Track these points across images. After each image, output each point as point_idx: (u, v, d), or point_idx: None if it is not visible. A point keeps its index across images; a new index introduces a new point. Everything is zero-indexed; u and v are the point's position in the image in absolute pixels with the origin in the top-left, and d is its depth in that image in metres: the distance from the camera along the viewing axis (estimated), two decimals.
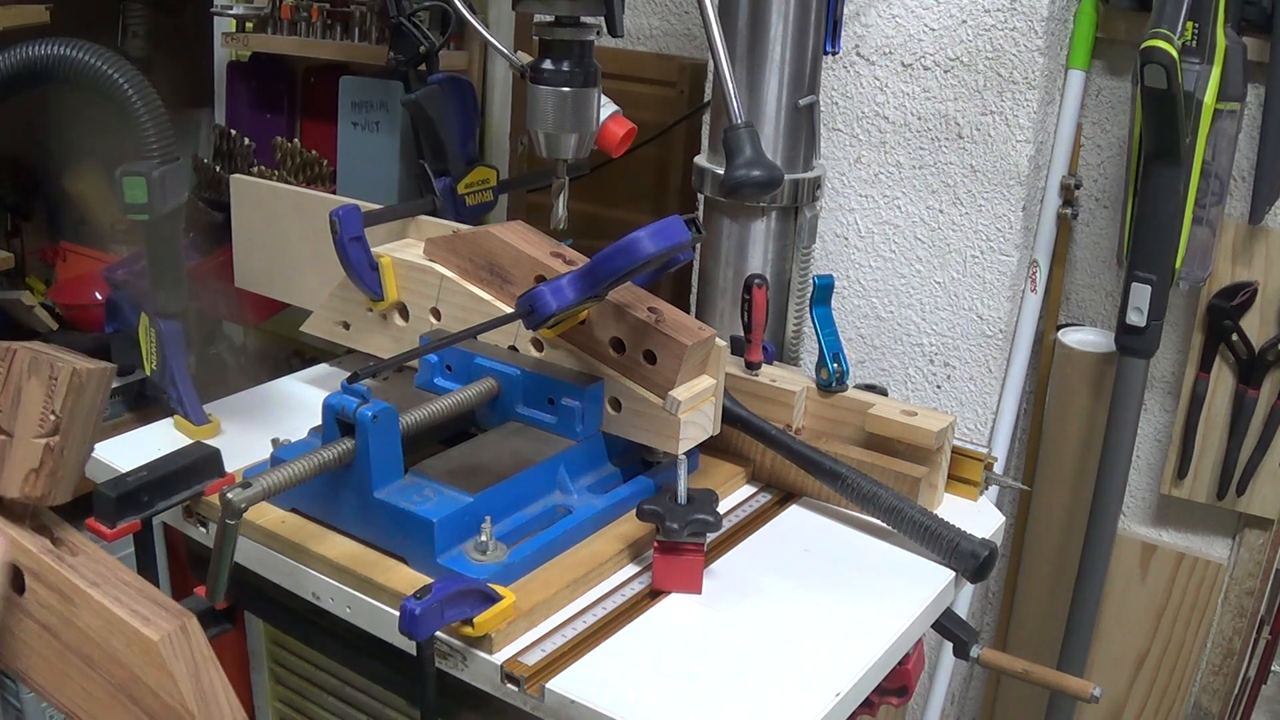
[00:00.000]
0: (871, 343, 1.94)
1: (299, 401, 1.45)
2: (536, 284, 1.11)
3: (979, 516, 1.29)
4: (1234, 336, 1.68)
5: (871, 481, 1.22)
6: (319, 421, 1.11)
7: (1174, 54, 1.43)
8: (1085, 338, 1.80)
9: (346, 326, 1.43)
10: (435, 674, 1.00)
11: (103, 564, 0.65)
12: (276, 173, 2.10)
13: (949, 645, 1.35)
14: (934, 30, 1.76)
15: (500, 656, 1.00)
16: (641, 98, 1.97)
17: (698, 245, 1.28)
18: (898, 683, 1.21)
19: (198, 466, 1.14)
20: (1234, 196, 1.66)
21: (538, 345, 1.26)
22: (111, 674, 0.61)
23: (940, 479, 1.30)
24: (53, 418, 0.62)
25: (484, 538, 1.07)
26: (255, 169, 2.13)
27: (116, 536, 1.01)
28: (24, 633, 0.63)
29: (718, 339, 1.21)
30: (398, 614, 0.94)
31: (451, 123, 1.58)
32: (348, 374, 1.10)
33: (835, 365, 1.32)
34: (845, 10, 1.50)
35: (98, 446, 0.90)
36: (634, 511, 1.14)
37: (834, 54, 1.49)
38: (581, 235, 1.40)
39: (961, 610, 1.94)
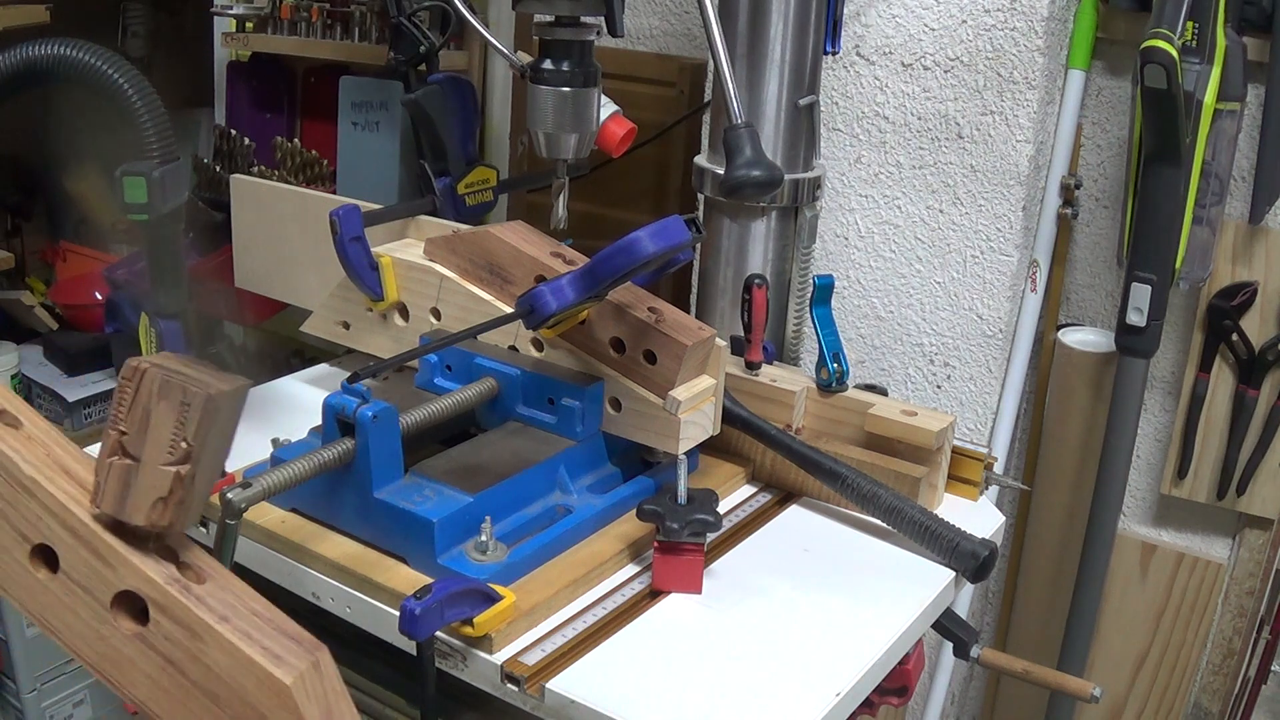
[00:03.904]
0: (871, 343, 1.94)
1: (299, 401, 1.45)
2: (536, 284, 1.11)
3: (979, 516, 1.29)
4: (1234, 336, 1.68)
5: (871, 481, 1.22)
6: (319, 421, 1.11)
7: (1174, 54, 1.43)
8: (1085, 338, 1.80)
9: (346, 326, 1.43)
10: (435, 674, 1.00)
11: (230, 591, 0.61)
12: (276, 173, 2.10)
13: (949, 645, 1.35)
14: (934, 30, 1.76)
15: (500, 656, 1.00)
16: (641, 98, 1.97)
17: (698, 245, 1.28)
18: (898, 683, 1.21)
19: None
20: (1234, 196, 1.66)
21: (538, 345, 1.26)
22: (239, 714, 0.58)
23: (940, 479, 1.30)
24: (184, 445, 0.58)
25: (484, 538, 1.07)
26: (255, 169, 2.13)
27: None
28: (146, 664, 0.60)
29: (718, 339, 1.21)
30: (398, 614, 0.94)
31: (451, 123, 1.58)
32: (348, 374, 1.10)
33: (835, 365, 1.32)
34: (845, 10, 1.50)
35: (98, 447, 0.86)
36: (634, 511, 1.14)
37: (834, 54, 1.49)
38: (581, 235, 1.40)
39: (961, 610, 1.94)
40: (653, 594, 1.11)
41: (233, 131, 2.19)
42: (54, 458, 0.62)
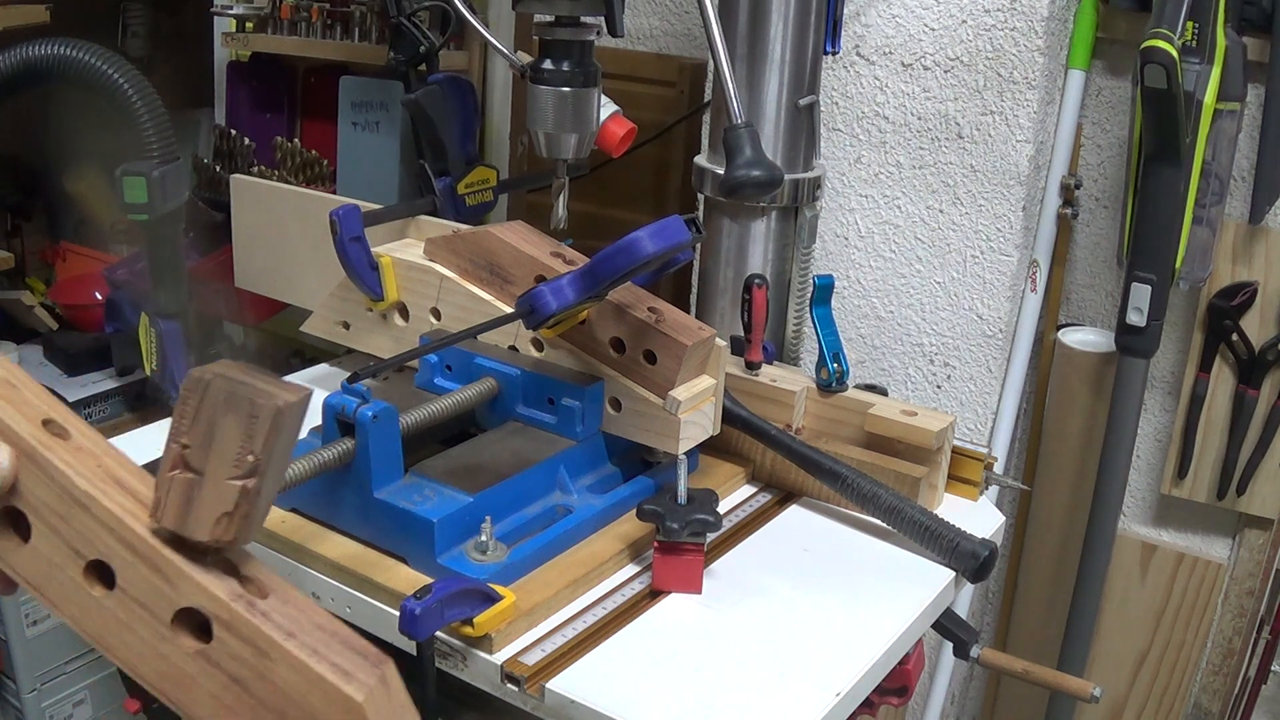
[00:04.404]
0: (871, 343, 1.94)
1: None
2: (536, 284, 1.11)
3: (979, 516, 1.29)
4: (1234, 336, 1.68)
5: (871, 481, 1.22)
6: (319, 421, 1.11)
7: (1174, 54, 1.43)
8: (1085, 338, 1.80)
9: (346, 326, 1.43)
10: (435, 674, 1.00)
11: (294, 604, 0.59)
12: (276, 173, 2.10)
13: (949, 645, 1.35)
14: (934, 30, 1.77)
15: (500, 656, 1.00)
16: (641, 98, 1.97)
17: (698, 245, 1.28)
18: (898, 683, 1.21)
19: None
20: (1234, 196, 1.66)
21: (538, 345, 1.26)
22: None
23: (940, 479, 1.30)
24: (251, 459, 0.55)
25: (484, 538, 1.07)
26: (255, 169, 2.13)
27: None
28: (210, 683, 0.57)
29: (718, 339, 1.21)
30: (398, 614, 0.94)
31: (451, 123, 1.58)
32: (348, 374, 1.10)
33: (835, 365, 1.32)
34: (845, 10, 1.50)
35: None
36: (634, 511, 1.13)
37: (834, 54, 1.49)
38: (581, 235, 1.40)
39: (961, 610, 1.94)
40: (653, 594, 1.11)
41: (233, 131, 2.19)
42: (105, 469, 0.60)
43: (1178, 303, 1.72)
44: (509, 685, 0.98)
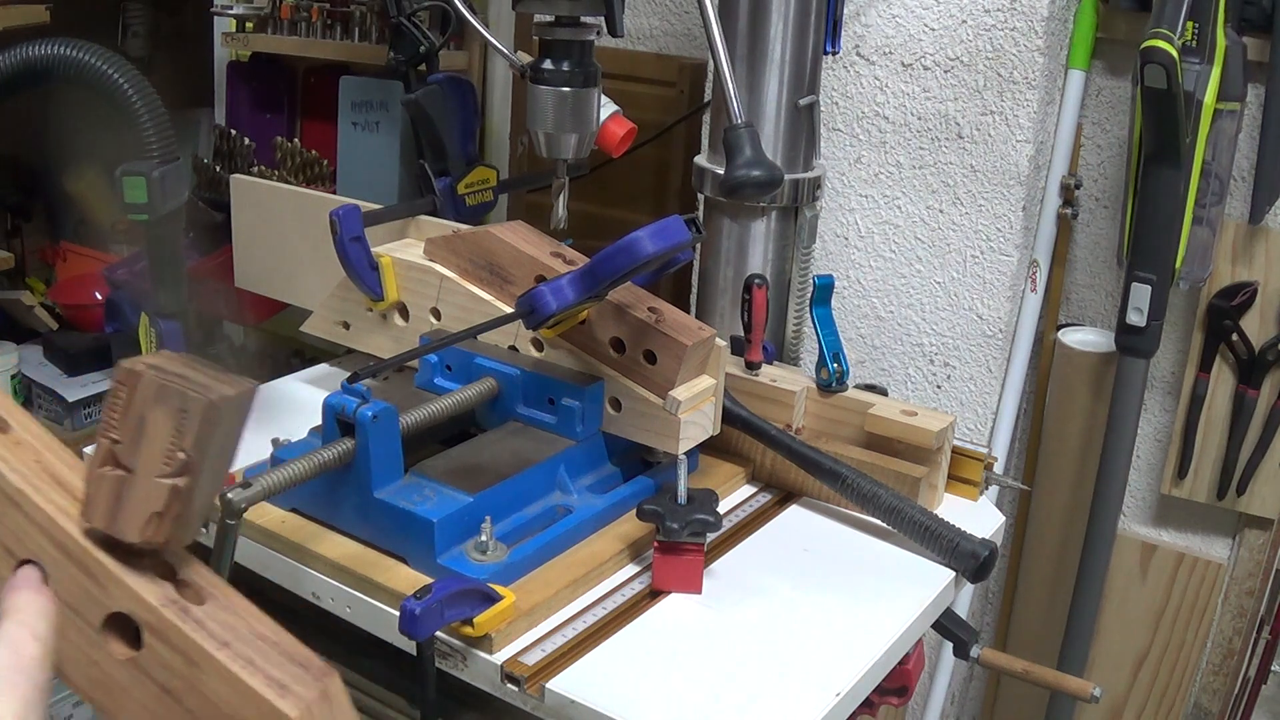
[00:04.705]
0: (871, 343, 1.94)
1: (299, 401, 1.44)
2: (536, 284, 1.11)
3: (979, 516, 1.29)
4: (1234, 336, 1.68)
5: (871, 481, 1.22)
6: (319, 421, 1.11)
7: (1174, 54, 1.43)
8: (1085, 338, 1.80)
9: (346, 326, 1.43)
10: (435, 674, 1.00)
11: (234, 611, 0.56)
12: (276, 173, 2.10)
13: (949, 645, 1.35)
14: (934, 30, 1.76)
15: (500, 656, 1.00)
16: (641, 98, 1.97)
17: (698, 245, 1.27)
18: (898, 683, 1.21)
19: None
20: (1234, 196, 1.66)
21: (538, 345, 1.26)
22: None
23: (940, 479, 1.30)
24: (181, 456, 0.53)
25: (484, 538, 1.07)
26: (255, 169, 2.13)
27: None
28: (140, 693, 0.54)
29: (718, 339, 1.21)
30: (398, 614, 0.94)
31: (451, 123, 1.58)
32: (348, 374, 1.10)
33: (835, 365, 1.32)
34: (845, 10, 1.50)
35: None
36: (634, 511, 1.13)
37: (834, 54, 1.49)
38: (581, 235, 1.40)
39: (961, 610, 1.94)
40: (653, 594, 1.11)
41: (233, 131, 2.19)
42: (45, 465, 0.57)
43: (1178, 303, 1.72)
44: (509, 685, 0.98)
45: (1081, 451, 1.79)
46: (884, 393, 1.35)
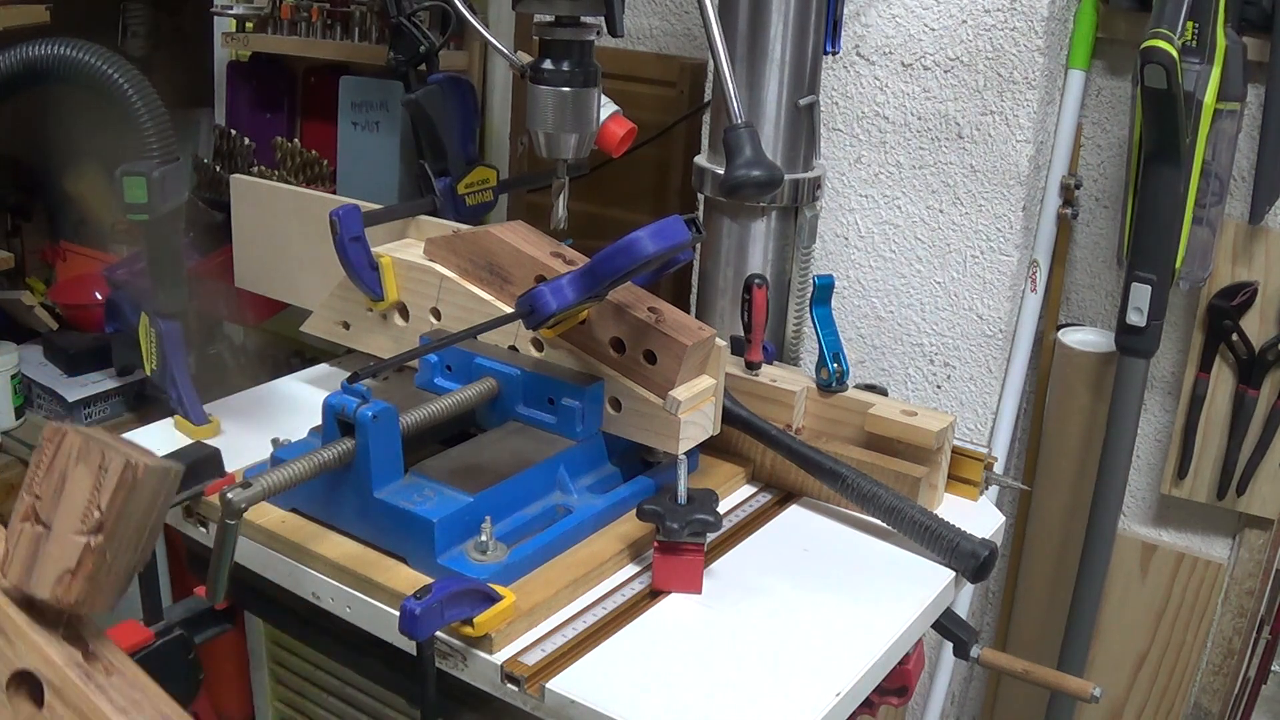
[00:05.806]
0: (871, 343, 1.94)
1: (299, 401, 1.45)
2: (536, 284, 1.11)
3: (979, 516, 1.29)
4: (1234, 336, 1.68)
5: (871, 481, 1.22)
6: (319, 421, 1.11)
7: (1174, 54, 1.43)
8: (1085, 338, 1.80)
9: (346, 326, 1.43)
10: (435, 674, 1.00)
11: (140, 690, 0.56)
12: (276, 173, 2.10)
13: (949, 645, 1.35)
14: (934, 30, 1.76)
15: (500, 656, 1.00)
16: (641, 98, 1.97)
17: (698, 245, 1.28)
18: (898, 683, 1.21)
19: (198, 467, 1.14)
20: (1234, 196, 1.66)
21: (538, 345, 1.26)
22: None
23: (940, 479, 1.30)
24: (97, 514, 0.53)
25: (484, 538, 1.07)
26: (255, 169, 2.13)
27: None
28: None
29: (718, 339, 1.21)
30: (398, 614, 0.94)
31: (451, 123, 1.58)
32: (348, 374, 1.10)
33: (835, 365, 1.32)
34: (845, 10, 1.50)
35: None
36: (634, 511, 1.14)
37: (834, 54, 1.49)
38: (581, 235, 1.40)
39: (961, 610, 1.94)
40: (653, 594, 1.11)
41: (233, 131, 2.18)
42: None
43: (1178, 303, 1.72)
44: (509, 685, 0.98)
45: (1081, 451, 1.79)
46: (884, 393, 1.35)
